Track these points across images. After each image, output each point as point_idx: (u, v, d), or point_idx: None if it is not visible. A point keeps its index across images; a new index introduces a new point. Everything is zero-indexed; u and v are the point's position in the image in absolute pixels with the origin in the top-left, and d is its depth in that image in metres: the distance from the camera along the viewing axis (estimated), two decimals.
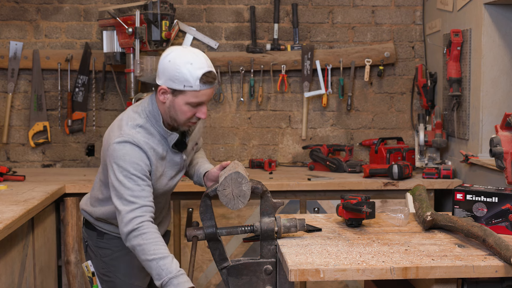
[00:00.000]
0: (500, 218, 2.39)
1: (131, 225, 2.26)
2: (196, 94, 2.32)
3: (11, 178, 3.65)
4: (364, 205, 2.41)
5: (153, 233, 2.27)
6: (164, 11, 3.73)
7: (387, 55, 4.35)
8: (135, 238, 2.25)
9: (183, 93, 2.32)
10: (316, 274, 1.97)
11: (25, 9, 4.26)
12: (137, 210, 2.28)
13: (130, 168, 2.30)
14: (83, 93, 4.26)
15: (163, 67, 2.35)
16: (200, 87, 2.31)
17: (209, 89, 2.34)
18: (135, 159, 2.31)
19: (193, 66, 2.31)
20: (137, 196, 2.29)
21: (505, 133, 2.66)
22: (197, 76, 2.30)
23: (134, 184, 2.30)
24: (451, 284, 2.07)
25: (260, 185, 2.33)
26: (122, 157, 2.31)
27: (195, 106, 2.36)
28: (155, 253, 2.22)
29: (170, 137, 2.43)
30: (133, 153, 2.32)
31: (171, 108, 2.37)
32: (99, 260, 2.57)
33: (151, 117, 2.41)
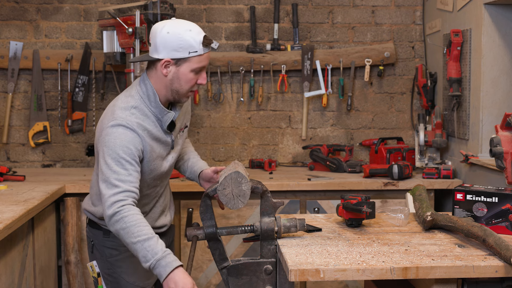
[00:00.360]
0: (500, 218, 2.39)
1: (113, 208, 2.23)
2: (200, 59, 2.36)
3: (11, 178, 3.65)
4: (364, 205, 2.41)
5: (135, 215, 2.23)
6: (164, 11, 3.73)
7: (387, 55, 4.35)
8: (117, 223, 2.23)
9: (188, 61, 2.35)
10: (316, 274, 1.97)
11: (25, 9, 4.26)
12: (120, 194, 2.25)
13: (120, 151, 2.29)
14: (83, 93, 4.26)
15: (163, 40, 2.34)
16: (204, 50, 2.36)
17: (209, 52, 2.40)
18: (126, 142, 2.30)
19: (192, 32, 2.35)
20: (122, 180, 2.27)
21: (505, 133, 2.66)
22: (199, 40, 2.34)
23: (121, 168, 2.28)
24: (451, 284, 2.07)
25: (260, 185, 2.33)
26: (113, 140, 2.30)
27: (198, 72, 2.39)
28: (139, 235, 2.20)
29: (166, 116, 2.42)
30: (124, 136, 2.31)
31: (175, 80, 2.38)
32: (105, 260, 2.55)
33: (145, 98, 2.41)
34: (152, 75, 2.41)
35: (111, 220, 2.24)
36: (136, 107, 2.39)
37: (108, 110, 2.43)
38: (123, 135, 2.31)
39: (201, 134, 4.38)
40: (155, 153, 2.42)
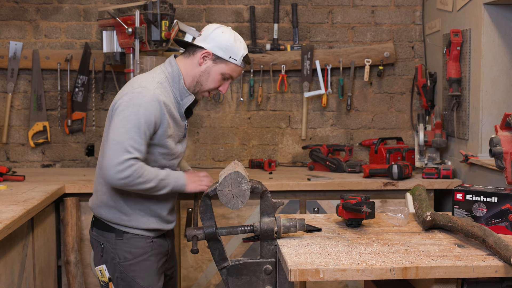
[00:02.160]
0: (499, 218, 2.39)
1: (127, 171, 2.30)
2: (234, 68, 2.52)
3: (11, 178, 3.65)
4: (364, 205, 2.41)
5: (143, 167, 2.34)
6: (163, 11, 3.73)
7: (387, 55, 4.35)
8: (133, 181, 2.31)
9: (225, 63, 2.50)
10: (316, 274, 1.97)
11: (25, 9, 4.26)
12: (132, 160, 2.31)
13: (142, 120, 2.34)
14: (82, 93, 4.26)
15: (215, 36, 2.49)
16: (241, 64, 2.53)
17: (242, 68, 2.57)
18: (149, 112, 2.35)
19: (241, 44, 2.53)
20: (136, 149, 2.33)
21: (505, 133, 2.66)
22: (242, 54, 2.52)
23: (138, 136, 2.33)
24: (450, 284, 2.07)
25: (260, 185, 2.33)
26: (138, 106, 2.35)
27: (225, 78, 2.54)
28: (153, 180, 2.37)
29: (186, 98, 2.52)
30: (149, 106, 2.36)
31: (205, 73, 2.51)
32: (117, 264, 2.50)
33: (170, 78, 2.50)
34: (186, 61, 2.52)
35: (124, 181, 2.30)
36: (161, 83, 2.46)
37: (131, 83, 2.49)
38: (148, 104, 2.36)
39: (200, 134, 4.38)
40: (170, 130, 2.47)
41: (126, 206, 2.48)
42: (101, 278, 2.52)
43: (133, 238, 2.49)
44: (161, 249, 2.58)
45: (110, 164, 2.30)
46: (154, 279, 2.52)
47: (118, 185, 2.34)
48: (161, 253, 2.58)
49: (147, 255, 2.50)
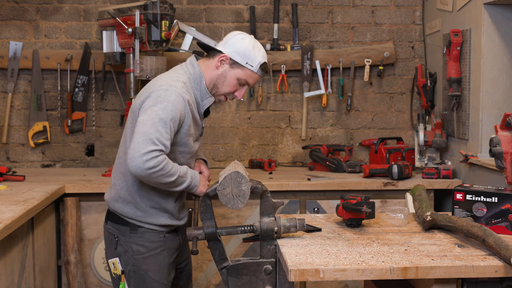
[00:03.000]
0: (499, 218, 2.39)
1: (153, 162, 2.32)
2: (251, 75, 2.59)
3: (11, 178, 3.65)
4: (364, 205, 2.41)
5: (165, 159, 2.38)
6: (164, 11, 3.73)
7: (387, 55, 4.35)
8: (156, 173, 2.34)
9: (241, 68, 2.57)
10: (315, 274, 1.97)
11: (25, 9, 4.26)
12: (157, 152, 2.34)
13: (169, 115, 2.40)
14: (82, 93, 4.26)
15: (234, 41, 2.58)
16: (258, 71, 2.59)
17: (259, 76, 2.63)
18: (176, 108, 2.42)
19: (260, 52, 2.59)
20: (161, 142, 2.36)
21: (505, 133, 2.66)
22: (259, 61, 2.58)
23: (164, 130, 2.37)
24: (450, 284, 2.07)
25: (260, 185, 2.33)
26: (166, 102, 2.41)
27: (241, 84, 2.60)
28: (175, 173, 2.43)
29: (207, 100, 2.60)
30: (176, 102, 2.43)
31: (221, 77, 2.59)
32: (130, 257, 2.55)
33: (192, 79, 2.59)
34: (205, 63, 2.61)
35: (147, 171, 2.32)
36: (185, 83, 2.54)
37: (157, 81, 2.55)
38: (176, 101, 2.43)
39: None
40: (191, 129, 2.54)
41: (141, 202, 2.54)
42: (113, 270, 2.58)
43: (146, 232, 2.56)
44: (173, 243, 2.65)
45: (136, 154, 2.32)
46: (165, 273, 2.59)
47: (143, 176, 2.35)
48: (173, 248, 2.64)
49: (159, 249, 2.57)
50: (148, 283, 2.56)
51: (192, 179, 2.53)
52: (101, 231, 3.63)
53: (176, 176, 2.43)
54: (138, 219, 2.55)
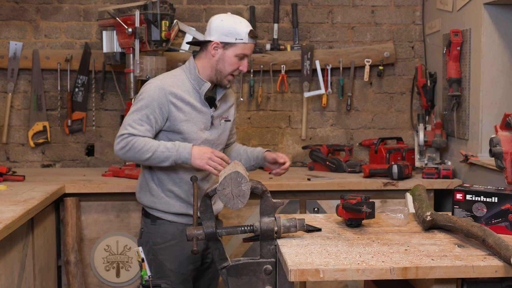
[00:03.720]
0: (499, 218, 2.39)
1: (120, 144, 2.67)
2: (245, 46, 2.74)
3: (11, 178, 3.65)
4: (363, 205, 2.41)
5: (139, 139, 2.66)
6: (163, 11, 3.73)
7: (387, 55, 4.35)
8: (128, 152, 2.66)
9: (234, 46, 2.73)
10: (315, 274, 1.97)
11: (25, 9, 4.26)
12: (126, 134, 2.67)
13: (143, 103, 2.69)
14: (82, 93, 4.26)
15: (216, 26, 2.75)
16: (249, 40, 2.75)
17: (253, 44, 2.78)
18: (151, 97, 2.69)
19: (242, 24, 2.75)
20: (132, 126, 2.67)
21: (505, 133, 2.66)
22: (246, 31, 2.74)
23: (138, 117, 2.68)
24: (450, 284, 2.07)
25: (260, 185, 2.33)
26: (143, 93, 2.72)
27: (240, 58, 2.76)
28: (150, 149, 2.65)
29: (203, 86, 2.77)
30: (151, 92, 2.70)
31: (220, 61, 2.76)
32: (150, 247, 2.80)
33: (187, 71, 2.79)
34: (202, 56, 2.80)
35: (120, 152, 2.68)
36: (175, 75, 2.78)
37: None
38: (152, 91, 2.70)
39: None
40: (184, 115, 2.72)
41: (155, 188, 2.79)
42: (137, 258, 2.69)
43: (164, 224, 2.79)
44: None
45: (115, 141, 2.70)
46: (182, 263, 2.76)
47: (119, 156, 2.70)
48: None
49: (175, 241, 2.77)
50: (164, 272, 2.77)
51: (180, 152, 2.66)
52: (101, 231, 3.65)
53: (151, 153, 2.65)
54: (154, 206, 2.78)
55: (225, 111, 2.91)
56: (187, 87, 2.76)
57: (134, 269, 3.68)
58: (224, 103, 2.90)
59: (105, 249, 3.66)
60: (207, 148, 2.70)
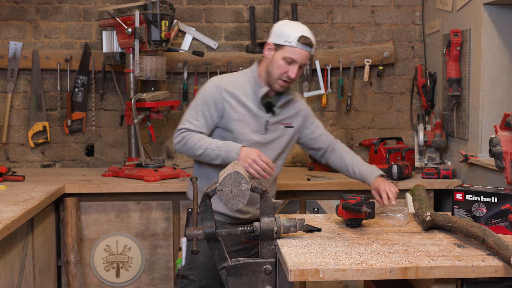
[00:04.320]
0: (499, 218, 2.39)
1: (177, 138, 2.79)
2: (292, 51, 2.73)
3: (11, 178, 3.65)
4: (363, 205, 2.41)
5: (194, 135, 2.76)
6: (163, 11, 3.73)
7: (387, 55, 4.35)
8: (183, 146, 2.77)
9: (282, 48, 2.74)
10: (315, 274, 1.97)
11: (25, 9, 4.26)
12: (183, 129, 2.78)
13: (199, 100, 2.81)
14: (82, 93, 4.26)
15: (275, 29, 2.81)
16: (297, 45, 2.72)
17: (304, 50, 2.75)
18: (207, 94, 2.79)
19: (295, 29, 2.76)
20: (189, 122, 2.78)
21: (505, 133, 2.66)
22: (296, 36, 2.72)
23: (194, 113, 2.79)
24: (450, 284, 2.07)
25: (260, 185, 2.33)
26: (200, 92, 2.84)
27: (289, 62, 2.74)
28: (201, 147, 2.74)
29: (260, 90, 2.81)
30: (209, 90, 2.80)
31: (271, 63, 2.78)
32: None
33: (248, 73, 2.87)
34: (263, 59, 2.86)
35: (177, 146, 2.79)
36: (235, 76, 2.89)
37: None
38: (208, 89, 2.81)
39: None
40: (238, 115, 2.79)
41: (201, 184, 2.81)
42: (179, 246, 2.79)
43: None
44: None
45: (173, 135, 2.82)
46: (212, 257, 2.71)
47: (177, 149, 2.82)
48: (232, 239, 2.70)
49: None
50: (196, 264, 2.80)
51: (229, 152, 2.70)
52: (101, 231, 3.64)
53: (203, 150, 2.73)
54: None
55: (287, 117, 2.91)
56: (246, 89, 2.82)
57: (133, 269, 3.68)
58: (287, 110, 2.91)
59: (105, 249, 3.66)
60: (255, 150, 2.69)
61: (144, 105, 3.75)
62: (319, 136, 3.08)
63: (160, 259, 3.68)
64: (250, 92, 2.82)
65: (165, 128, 4.34)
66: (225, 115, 2.79)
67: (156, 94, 3.82)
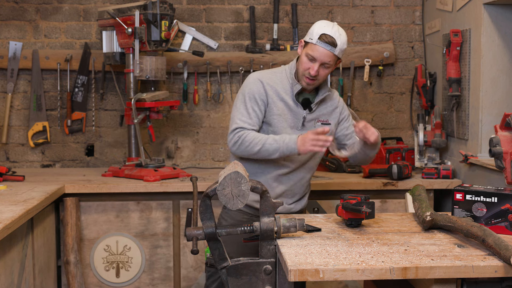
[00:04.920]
0: (499, 218, 2.39)
1: (233, 139, 2.78)
2: (312, 47, 2.77)
3: (11, 178, 3.65)
4: (363, 205, 2.41)
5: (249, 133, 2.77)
6: (163, 11, 3.73)
7: (387, 55, 4.35)
8: (241, 145, 2.77)
9: (306, 45, 2.81)
10: (315, 274, 1.97)
11: (25, 9, 4.26)
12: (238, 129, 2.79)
13: (246, 95, 2.84)
14: (82, 93, 4.26)
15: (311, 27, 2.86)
16: (317, 42, 2.76)
17: (324, 49, 2.76)
18: (250, 89, 2.84)
19: (322, 28, 2.79)
20: (242, 120, 2.80)
21: (505, 133, 2.66)
22: (318, 33, 2.77)
23: (243, 108, 2.82)
24: (450, 284, 2.07)
25: (260, 185, 2.33)
26: (244, 87, 2.88)
27: (310, 59, 2.78)
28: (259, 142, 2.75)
29: (295, 87, 2.85)
30: (253, 85, 2.85)
31: (300, 59, 2.84)
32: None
33: (287, 69, 2.91)
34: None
35: (234, 147, 2.79)
36: (275, 72, 2.92)
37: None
38: (251, 84, 2.85)
39: (200, 134, 4.37)
40: (278, 109, 2.84)
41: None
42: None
43: (229, 211, 2.92)
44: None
45: (228, 137, 2.83)
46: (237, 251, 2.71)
47: (233, 152, 2.82)
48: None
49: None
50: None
51: (287, 143, 2.73)
52: (101, 231, 3.64)
53: (261, 145, 2.75)
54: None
55: (323, 114, 2.93)
56: (284, 84, 2.87)
57: (133, 269, 3.68)
58: (324, 107, 2.93)
59: (105, 249, 3.66)
60: (308, 132, 2.73)
61: (144, 105, 3.75)
62: (352, 132, 3.04)
63: (160, 259, 3.68)
64: (289, 88, 2.87)
65: (165, 128, 4.34)
66: (268, 109, 2.84)
67: (156, 94, 3.83)
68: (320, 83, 2.88)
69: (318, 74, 2.79)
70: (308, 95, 2.90)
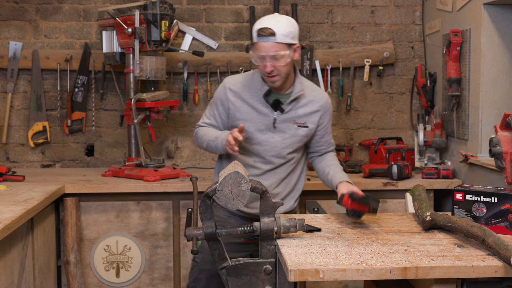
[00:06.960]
0: (499, 218, 2.39)
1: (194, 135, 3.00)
2: (256, 46, 2.74)
3: (11, 178, 3.65)
4: (370, 200, 2.47)
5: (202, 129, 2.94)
6: (163, 11, 3.73)
7: (387, 55, 4.35)
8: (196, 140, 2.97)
9: (253, 46, 2.78)
10: (315, 274, 1.97)
11: (25, 9, 4.26)
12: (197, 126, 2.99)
13: (212, 100, 2.98)
14: (82, 93, 4.26)
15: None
16: (256, 39, 2.72)
17: (264, 42, 2.69)
18: (216, 95, 2.95)
19: (258, 25, 2.73)
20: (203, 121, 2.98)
21: (505, 133, 2.67)
22: (255, 31, 2.72)
23: (208, 112, 2.98)
24: (450, 284, 2.07)
25: (260, 185, 2.33)
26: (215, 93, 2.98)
27: (260, 58, 2.74)
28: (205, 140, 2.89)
29: (263, 87, 2.83)
30: (218, 91, 2.94)
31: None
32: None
33: (256, 71, 2.90)
34: None
35: (195, 142, 3.00)
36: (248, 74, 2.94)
37: None
38: (218, 91, 2.94)
39: None
40: (242, 114, 2.85)
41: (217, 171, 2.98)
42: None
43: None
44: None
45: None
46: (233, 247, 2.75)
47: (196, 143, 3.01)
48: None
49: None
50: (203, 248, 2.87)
51: (220, 140, 2.79)
52: (101, 231, 3.64)
53: (207, 141, 2.87)
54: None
55: (300, 116, 2.87)
56: (252, 88, 2.87)
57: (133, 269, 3.68)
58: (302, 109, 2.87)
59: (105, 249, 3.66)
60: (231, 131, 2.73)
61: (144, 105, 3.75)
62: (322, 141, 3.01)
63: (160, 259, 3.68)
64: (257, 90, 2.85)
65: (165, 128, 4.34)
66: (230, 115, 2.88)
67: (156, 94, 3.83)
68: (284, 77, 2.79)
69: (274, 69, 2.72)
70: (282, 96, 2.85)
